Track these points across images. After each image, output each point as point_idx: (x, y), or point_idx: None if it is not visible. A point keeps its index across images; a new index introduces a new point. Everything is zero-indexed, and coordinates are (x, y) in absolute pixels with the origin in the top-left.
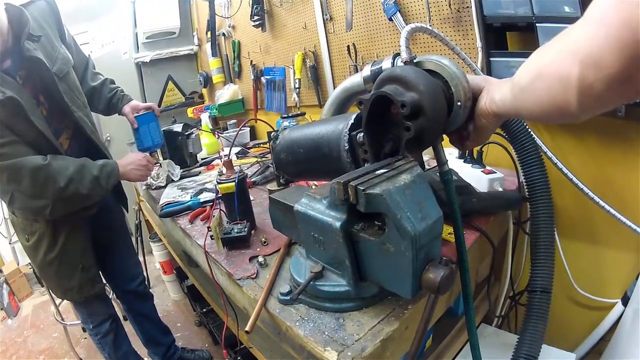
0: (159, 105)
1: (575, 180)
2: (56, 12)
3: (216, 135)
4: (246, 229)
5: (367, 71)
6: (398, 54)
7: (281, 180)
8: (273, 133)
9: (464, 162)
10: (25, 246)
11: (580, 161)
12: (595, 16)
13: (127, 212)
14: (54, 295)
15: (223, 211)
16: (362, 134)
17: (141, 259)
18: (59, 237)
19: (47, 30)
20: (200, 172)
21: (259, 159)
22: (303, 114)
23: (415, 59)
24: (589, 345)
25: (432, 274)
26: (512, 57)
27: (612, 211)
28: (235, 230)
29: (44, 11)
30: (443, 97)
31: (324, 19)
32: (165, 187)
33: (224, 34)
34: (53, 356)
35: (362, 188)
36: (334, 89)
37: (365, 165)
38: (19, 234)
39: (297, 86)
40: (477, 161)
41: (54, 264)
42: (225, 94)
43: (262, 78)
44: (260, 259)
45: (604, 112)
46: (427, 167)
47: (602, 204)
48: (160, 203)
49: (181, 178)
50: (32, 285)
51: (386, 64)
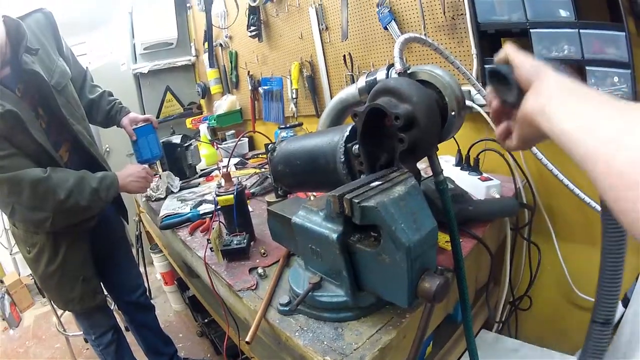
0: (157, 117)
1: (571, 186)
2: (53, 24)
3: (215, 146)
4: (245, 240)
5: (362, 82)
6: (392, 65)
7: (279, 192)
8: (270, 145)
9: (460, 169)
10: (27, 258)
11: (576, 167)
12: None
13: (127, 223)
14: (55, 307)
15: (222, 223)
16: (357, 145)
17: (142, 269)
18: (59, 249)
19: (45, 43)
20: (199, 184)
21: (257, 170)
22: (300, 124)
23: (409, 69)
24: None
25: (427, 283)
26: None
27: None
28: (235, 242)
29: (41, 23)
30: (437, 107)
31: (319, 28)
32: (164, 198)
33: (221, 45)
34: None
35: (357, 201)
36: (331, 98)
37: (361, 176)
38: (20, 245)
39: (294, 96)
40: (473, 168)
41: (56, 275)
42: (223, 104)
43: (259, 88)
44: (260, 270)
45: None
46: (423, 175)
47: (599, 208)
48: (160, 215)
49: (180, 189)
50: (34, 296)
51: (380, 75)
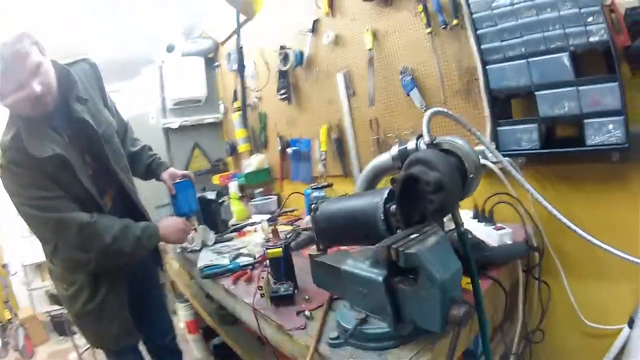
0: None
1: (576, 229)
2: (98, 75)
3: (244, 203)
4: (291, 288)
5: (395, 151)
6: (420, 136)
7: (320, 246)
8: (313, 205)
9: (477, 221)
10: (63, 295)
11: (581, 207)
12: None
13: (162, 270)
14: (77, 344)
15: (270, 273)
16: (394, 206)
17: None
18: (99, 289)
19: (92, 93)
20: (232, 238)
21: (290, 227)
22: (331, 185)
23: (435, 140)
24: None
25: (455, 310)
26: (517, 124)
27: (613, 250)
28: (282, 290)
29: (87, 73)
30: (458, 174)
31: (347, 94)
32: (199, 251)
33: (250, 105)
34: None
35: (402, 249)
36: (357, 160)
37: (398, 231)
38: (56, 282)
39: (323, 158)
40: (489, 219)
41: (94, 314)
42: (252, 163)
43: (288, 149)
44: (307, 313)
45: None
46: (446, 228)
47: (604, 246)
48: (200, 265)
49: (215, 243)
50: (48, 333)
51: (411, 144)
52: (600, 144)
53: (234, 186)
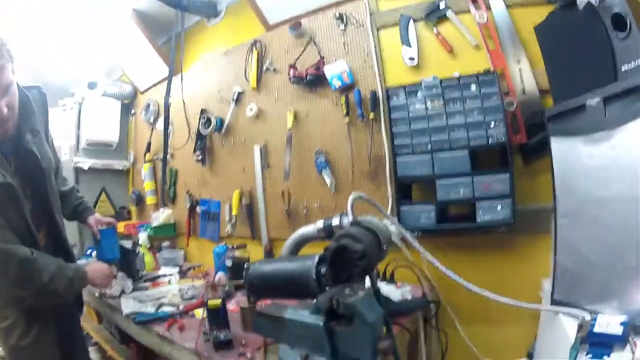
0: None
1: (468, 285)
2: (46, 107)
3: (153, 254)
4: (230, 334)
5: (320, 224)
6: (343, 214)
7: (251, 299)
8: (246, 264)
9: (381, 281)
10: None
11: (471, 270)
12: None
13: (82, 314)
14: None
15: (208, 322)
16: (324, 268)
17: None
18: (32, 327)
19: (40, 125)
20: (147, 288)
21: (198, 281)
22: (245, 245)
23: (357, 219)
24: None
25: (382, 344)
26: (416, 205)
27: (504, 299)
28: (222, 336)
29: (37, 103)
30: (377, 245)
31: (262, 165)
32: (118, 297)
33: (161, 160)
34: None
35: (341, 300)
36: (266, 225)
37: (327, 289)
38: None
39: (233, 221)
40: (390, 280)
41: (27, 350)
42: (160, 217)
43: (197, 207)
44: (248, 355)
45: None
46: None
47: (495, 296)
48: (126, 312)
49: (132, 291)
50: None
51: (335, 221)
52: (489, 221)
53: (143, 237)
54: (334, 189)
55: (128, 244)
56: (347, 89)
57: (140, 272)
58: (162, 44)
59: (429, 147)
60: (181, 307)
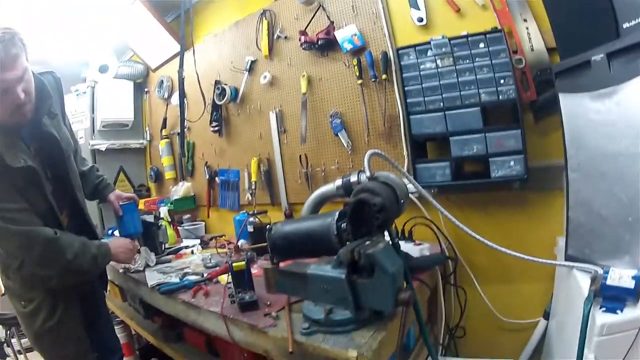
0: None
1: (484, 240)
2: (61, 91)
3: (174, 228)
4: (255, 295)
5: (339, 182)
6: (361, 171)
7: (274, 260)
8: (268, 226)
9: (400, 240)
10: (21, 312)
11: (486, 226)
12: None
13: (106, 291)
14: None
15: (233, 284)
16: (344, 224)
17: None
18: (57, 307)
19: (57, 108)
20: (171, 260)
21: (220, 250)
22: (265, 211)
23: (374, 174)
24: (526, 356)
25: (403, 295)
26: (432, 162)
27: (519, 254)
28: (248, 297)
29: (52, 87)
30: (394, 199)
31: (279, 130)
32: (142, 271)
33: (178, 134)
34: None
35: (362, 251)
36: (285, 190)
37: (347, 243)
38: (13, 299)
39: (253, 188)
40: (409, 238)
41: (53, 332)
42: (179, 190)
43: (216, 178)
44: (274, 314)
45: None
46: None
47: (509, 251)
48: (151, 283)
49: (156, 264)
50: None
51: (353, 177)
52: (503, 177)
53: (164, 211)
54: (350, 149)
55: (150, 218)
56: (358, 51)
57: (163, 245)
58: (171, 21)
59: (442, 104)
60: (205, 274)
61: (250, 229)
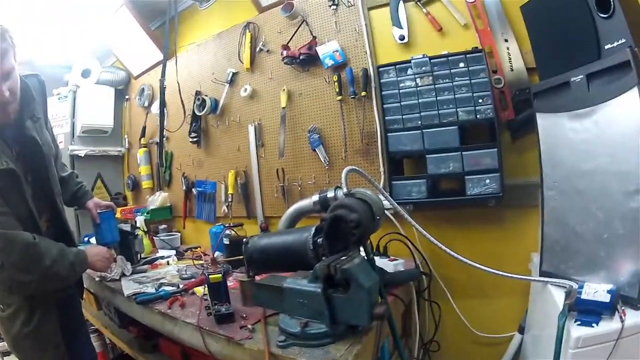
0: None
1: (458, 256)
2: (45, 94)
3: (150, 237)
4: (231, 308)
5: (315, 197)
6: (338, 187)
7: (250, 273)
8: (245, 239)
9: (375, 255)
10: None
11: (462, 242)
12: None
13: (82, 299)
14: None
15: (209, 296)
16: (321, 239)
17: None
18: (35, 313)
19: (40, 111)
20: (146, 270)
21: (195, 261)
22: (241, 224)
23: (351, 191)
24: None
25: (378, 308)
26: (408, 179)
27: (492, 270)
28: (224, 309)
29: (36, 90)
30: (371, 215)
31: (257, 144)
32: (118, 280)
33: (156, 143)
34: None
35: (338, 266)
36: (261, 204)
37: (323, 258)
38: None
39: (229, 200)
40: (383, 254)
41: (29, 337)
42: (156, 200)
43: (193, 189)
44: (250, 326)
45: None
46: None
47: (483, 267)
48: (128, 293)
49: (132, 273)
50: None
51: (330, 193)
52: (478, 194)
53: (140, 221)
54: (327, 165)
55: (127, 227)
56: (339, 67)
57: (139, 255)
58: (155, 28)
59: (420, 122)
60: (181, 285)
61: (226, 241)
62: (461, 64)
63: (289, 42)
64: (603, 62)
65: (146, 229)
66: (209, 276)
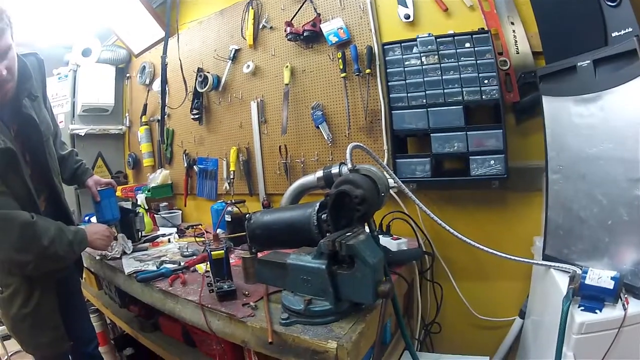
0: None
1: (461, 236)
2: (43, 73)
3: (150, 215)
4: (233, 285)
5: (320, 173)
6: (343, 163)
7: (252, 250)
8: (247, 215)
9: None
10: None
11: (464, 224)
12: None
13: (82, 278)
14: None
15: (211, 272)
16: (325, 215)
17: None
18: (34, 293)
19: (38, 91)
20: (147, 248)
21: (197, 239)
22: (243, 201)
23: (355, 167)
24: (501, 355)
25: (383, 286)
26: (412, 158)
27: (495, 251)
28: (226, 286)
29: (34, 69)
30: (375, 191)
31: (259, 120)
32: (119, 258)
33: (158, 120)
34: None
35: (343, 242)
36: (263, 181)
37: (327, 234)
38: None
39: (231, 177)
40: (387, 232)
41: (28, 318)
42: (157, 177)
43: (194, 166)
44: (252, 304)
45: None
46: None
47: (486, 248)
48: (128, 271)
49: (132, 251)
50: None
51: (334, 169)
52: (483, 175)
53: (142, 199)
54: (330, 142)
55: (128, 205)
56: (343, 44)
57: (140, 233)
58: (156, 6)
59: (424, 101)
60: (182, 263)
61: (228, 218)
62: (467, 44)
63: (292, 19)
64: (610, 49)
65: (147, 207)
66: (211, 252)
